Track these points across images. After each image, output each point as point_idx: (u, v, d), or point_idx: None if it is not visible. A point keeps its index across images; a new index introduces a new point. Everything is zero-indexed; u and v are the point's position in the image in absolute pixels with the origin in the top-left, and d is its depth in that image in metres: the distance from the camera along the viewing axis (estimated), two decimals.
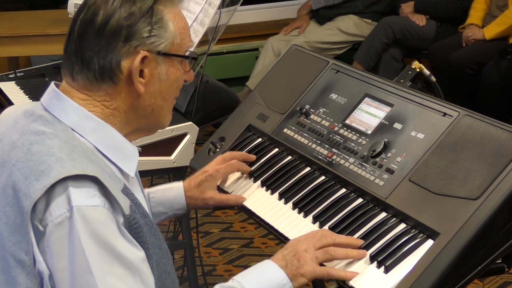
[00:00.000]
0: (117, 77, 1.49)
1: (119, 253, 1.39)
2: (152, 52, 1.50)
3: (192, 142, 2.58)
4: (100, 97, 1.51)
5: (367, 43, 5.23)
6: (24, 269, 1.38)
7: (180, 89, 1.60)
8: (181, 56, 1.55)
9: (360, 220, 1.71)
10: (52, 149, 1.41)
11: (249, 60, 5.64)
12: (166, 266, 1.55)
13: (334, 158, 1.89)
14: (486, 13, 4.95)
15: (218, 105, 2.75)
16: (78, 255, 1.36)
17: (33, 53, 4.87)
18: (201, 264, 3.02)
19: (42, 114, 1.49)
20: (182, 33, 1.55)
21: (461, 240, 1.51)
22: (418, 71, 2.04)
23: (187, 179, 1.99)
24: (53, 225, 1.37)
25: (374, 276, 1.57)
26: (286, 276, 1.58)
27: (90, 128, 1.49)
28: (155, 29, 1.50)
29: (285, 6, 6.19)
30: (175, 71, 1.55)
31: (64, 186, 1.37)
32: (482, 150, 1.62)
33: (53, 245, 1.37)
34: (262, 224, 1.89)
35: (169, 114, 1.61)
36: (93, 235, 1.36)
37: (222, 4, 2.69)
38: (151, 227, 1.52)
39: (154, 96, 1.53)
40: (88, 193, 1.38)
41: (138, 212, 1.48)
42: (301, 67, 2.20)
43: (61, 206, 1.37)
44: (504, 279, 3.39)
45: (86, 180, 1.39)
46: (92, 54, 1.48)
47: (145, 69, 1.50)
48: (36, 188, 1.37)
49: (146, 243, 1.47)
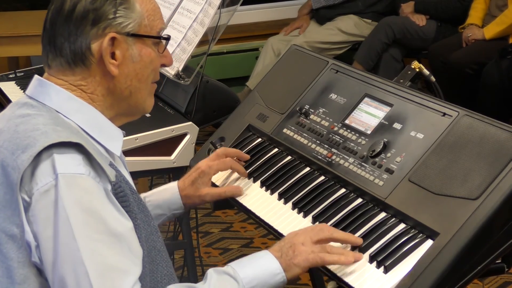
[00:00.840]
0: (88, 60, 1.53)
1: (105, 221, 1.40)
2: (120, 33, 1.53)
3: (192, 142, 2.58)
4: (76, 82, 1.54)
5: (367, 43, 5.23)
6: (16, 243, 1.40)
7: (158, 71, 1.63)
8: (150, 36, 1.58)
9: (359, 220, 1.71)
10: (37, 125, 1.45)
11: (249, 60, 5.64)
12: (156, 243, 1.56)
13: (333, 158, 1.89)
14: (486, 13, 4.95)
15: (218, 105, 2.75)
16: (62, 222, 1.38)
17: (33, 53, 4.86)
18: (201, 264, 3.02)
19: (27, 101, 1.54)
20: (150, 15, 1.58)
21: (460, 240, 1.51)
22: (418, 71, 2.04)
23: (181, 179, 1.99)
24: (39, 193, 1.39)
25: (373, 276, 1.57)
26: (280, 265, 1.59)
27: (74, 109, 1.53)
28: (120, 10, 1.53)
29: (285, 6, 6.19)
30: (148, 53, 1.58)
31: (49, 154, 1.41)
32: (481, 150, 1.62)
33: (39, 213, 1.39)
34: (261, 224, 1.89)
35: (149, 97, 1.63)
36: (78, 201, 1.38)
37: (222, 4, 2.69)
38: (139, 204, 1.54)
39: (130, 78, 1.56)
40: (73, 161, 1.41)
41: (124, 182, 1.51)
42: (301, 67, 2.20)
43: (47, 175, 1.40)
44: (504, 279, 3.39)
45: (71, 148, 1.42)
46: (63, 40, 1.53)
47: (116, 51, 1.53)
48: (23, 159, 1.40)
49: (133, 213, 1.49)
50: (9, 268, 1.41)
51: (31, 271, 1.42)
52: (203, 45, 2.75)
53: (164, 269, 1.57)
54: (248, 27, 5.93)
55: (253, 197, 1.96)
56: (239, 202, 1.98)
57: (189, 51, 2.67)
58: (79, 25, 1.52)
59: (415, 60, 2.13)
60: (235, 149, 2.09)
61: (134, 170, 2.37)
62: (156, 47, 1.60)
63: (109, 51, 1.53)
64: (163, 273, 1.56)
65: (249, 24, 5.98)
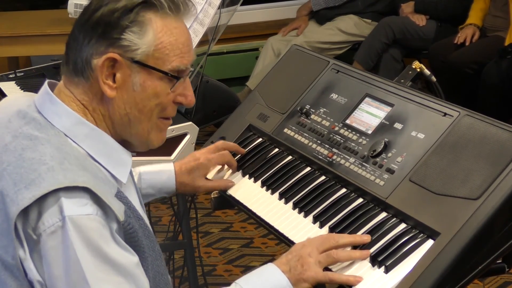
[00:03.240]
0: (87, 74, 1.47)
1: (113, 260, 1.38)
2: (124, 56, 1.46)
3: (192, 142, 2.58)
4: (79, 96, 1.49)
5: (367, 43, 5.23)
6: (12, 274, 1.38)
7: (168, 107, 1.54)
8: (157, 69, 1.48)
9: (360, 220, 1.71)
10: (44, 157, 1.40)
11: (249, 60, 5.63)
12: (160, 268, 1.55)
13: (334, 158, 1.89)
14: (486, 13, 4.95)
15: (218, 105, 2.75)
16: (72, 264, 1.36)
17: (33, 53, 4.86)
18: (201, 264, 3.01)
19: (35, 117, 1.48)
20: (166, 48, 1.48)
21: (461, 240, 1.51)
22: (419, 71, 2.04)
23: (178, 163, 1.98)
24: (46, 234, 1.36)
25: (374, 276, 1.57)
26: (289, 281, 1.58)
27: (83, 134, 1.48)
28: (127, 33, 1.45)
29: (285, 6, 6.19)
30: (153, 86, 1.49)
31: (55, 197, 1.36)
32: (482, 150, 1.62)
33: (47, 254, 1.37)
34: (262, 224, 1.89)
35: (155, 132, 1.55)
36: (87, 243, 1.36)
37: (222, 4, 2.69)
38: (145, 229, 1.51)
39: (129, 106, 1.49)
40: (80, 202, 1.37)
41: (133, 216, 1.48)
42: (302, 67, 2.20)
43: (53, 216, 1.36)
44: (504, 279, 3.39)
45: (78, 189, 1.38)
46: (72, 47, 1.49)
47: (117, 73, 1.46)
48: (24, 197, 1.36)
49: (141, 246, 1.47)
50: None
51: None
52: (203, 45, 2.74)
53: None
54: (248, 27, 5.93)
55: (254, 197, 1.96)
56: (240, 202, 1.98)
57: None
58: (87, 35, 1.46)
59: (415, 60, 2.13)
60: (234, 143, 2.11)
61: None
62: (169, 83, 1.50)
63: (109, 71, 1.46)
64: None
65: (249, 24, 5.98)
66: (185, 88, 1.55)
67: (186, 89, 1.55)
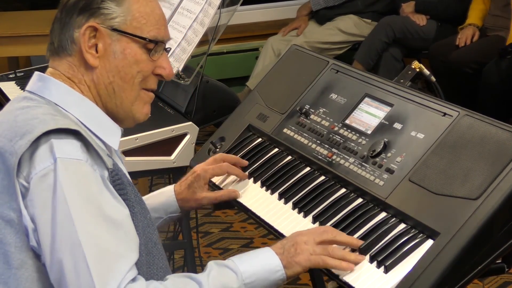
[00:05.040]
0: (70, 47, 1.55)
1: (102, 206, 1.41)
2: (104, 25, 1.54)
3: (192, 142, 2.58)
4: (64, 71, 1.57)
5: (367, 43, 5.23)
6: (13, 228, 1.41)
7: (149, 77, 1.61)
8: (134, 35, 1.56)
9: (360, 220, 1.71)
10: (36, 115, 1.47)
11: (249, 60, 5.64)
12: (152, 236, 1.56)
13: (334, 158, 1.89)
14: (485, 13, 4.94)
15: (218, 105, 2.75)
16: (60, 206, 1.38)
17: (33, 53, 4.86)
18: (201, 264, 3.01)
19: (26, 95, 1.56)
20: (142, 17, 1.57)
21: (461, 240, 1.51)
22: (418, 71, 2.04)
23: (178, 182, 2.00)
24: (37, 177, 1.40)
25: (374, 276, 1.57)
26: (280, 263, 1.59)
27: (73, 102, 1.54)
28: (105, 2, 1.54)
29: (285, 6, 6.19)
30: (133, 53, 1.57)
31: (47, 139, 1.42)
32: (482, 150, 1.62)
33: (37, 197, 1.40)
34: (262, 224, 1.89)
35: (139, 103, 1.61)
36: (76, 185, 1.40)
37: (222, 4, 2.69)
38: (136, 195, 1.55)
39: (112, 74, 1.56)
40: (71, 146, 1.43)
41: (121, 175, 1.52)
42: (301, 67, 2.20)
43: (45, 159, 1.41)
44: (504, 279, 3.39)
45: (69, 135, 1.44)
46: (55, 29, 1.57)
47: (99, 43, 1.55)
48: (20, 145, 1.41)
49: (130, 201, 1.50)
50: (6, 253, 1.42)
51: (28, 255, 1.43)
52: (203, 45, 2.75)
53: (160, 261, 1.58)
54: (248, 27, 5.93)
55: (254, 197, 1.96)
56: (240, 202, 1.98)
57: (189, 51, 2.67)
58: (69, 12, 1.55)
59: (415, 60, 2.13)
60: (234, 155, 2.07)
61: (134, 170, 2.38)
62: (149, 52, 1.59)
63: (91, 42, 1.54)
64: (159, 266, 1.57)
65: (249, 24, 5.98)
66: (164, 60, 1.63)
67: (165, 61, 1.63)
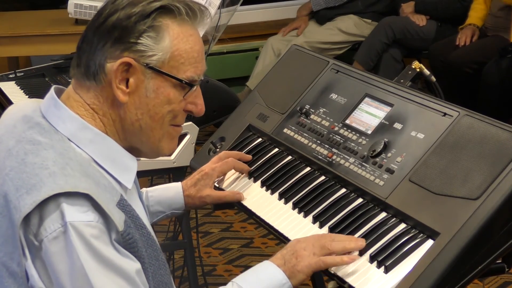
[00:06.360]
0: (99, 78, 1.46)
1: (115, 265, 1.38)
2: (139, 62, 1.45)
3: (192, 142, 2.58)
4: (89, 99, 1.48)
5: (367, 43, 5.24)
6: (16, 281, 1.38)
7: (179, 115, 1.54)
8: (171, 76, 1.48)
9: (360, 220, 1.71)
10: (46, 162, 1.39)
11: (249, 60, 5.64)
12: (163, 277, 1.53)
13: (334, 158, 1.89)
14: (485, 13, 4.94)
15: (218, 105, 2.75)
16: (77, 269, 1.35)
17: (33, 53, 4.86)
18: (201, 264, 3.02)
19: (39, 122, 1.47)
20: (180, 56, 1.48)
21: (461, 240, 1.51)
22: (418, 71, 2.04)
23: (185, 180, 1.99)
24: (48, 240, 1.35)
25: (374, 276, 1.57)
26: (284, 274, 1.58)
27: (87, 138, 1.46)
28: (144, 38, 1.44)
29: (285, 6, 6.19)
30: (166, 92, 1.48)
31: (56, 202, 1.36)
32: (482, 150, 1.62)
33: (50, 260, 1.36)
34: (262, 224, 1.89)
35: (166, 139, 1.54)
36: (89, 248, 1.35)
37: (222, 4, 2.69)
38: (148, 238, 1.50)
39: (141, 112, 1.48)
40: (81, 209, 1.36)
41: (134, 225, 1.46)
42: (301, 67, 2.20)
43: (55, 222, 1.35)
44: (504, 279, 3.39)
45: (79, 195, 1.37)
46: (85, 50, 1.47)
47: (131, 78, 1.45)
48: (26, 203, 1.35)
49: (141, 257, 1.46)
50: None
51: None
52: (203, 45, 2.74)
53: None
54: (248, 27, 5.93)
55: (254, 197, 1.96)
56: (240, 202, 1.98)
57: None
58: (102, 39, 1.45)
59: (415, 60, 2.13)
60: (237, 151, 2.09)
61: None
62: (182, 91, 1.50)
63: (122, 76, 1.45)
64: None
65: (249, 24, 5.98)
66: (196, 96, 1.56)
67: (197, 97, 1.56)
